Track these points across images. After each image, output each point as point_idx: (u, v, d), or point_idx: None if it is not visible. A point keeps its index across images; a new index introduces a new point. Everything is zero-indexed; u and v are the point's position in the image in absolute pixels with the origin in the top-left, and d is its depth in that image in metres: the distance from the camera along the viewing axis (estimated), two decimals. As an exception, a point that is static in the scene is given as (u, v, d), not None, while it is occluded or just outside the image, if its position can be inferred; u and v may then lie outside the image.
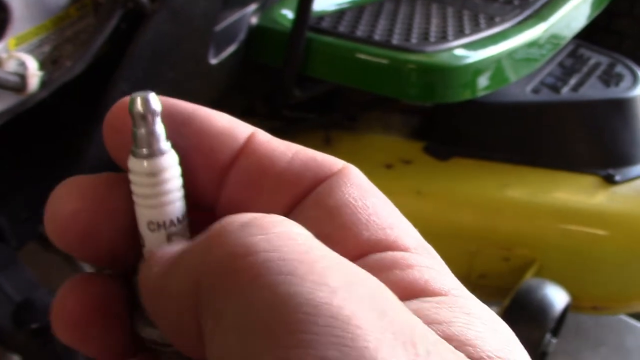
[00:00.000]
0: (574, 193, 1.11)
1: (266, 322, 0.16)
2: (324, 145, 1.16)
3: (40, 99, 0.68)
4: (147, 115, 0.21)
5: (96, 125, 0.75)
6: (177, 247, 0.20)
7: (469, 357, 0.17)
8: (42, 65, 0.68)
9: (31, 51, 0.68)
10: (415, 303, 0.18)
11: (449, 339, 0.17)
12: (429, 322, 0.18)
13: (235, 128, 0.22)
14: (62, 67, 0.70)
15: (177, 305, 0.19)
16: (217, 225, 0.19)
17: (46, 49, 0.70)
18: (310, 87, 1.08)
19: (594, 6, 1.33)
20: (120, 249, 0.22)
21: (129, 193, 0.21)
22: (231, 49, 0.93)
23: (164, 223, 0.22)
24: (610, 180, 1.11)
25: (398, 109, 1.23)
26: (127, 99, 0.21)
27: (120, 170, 0.22)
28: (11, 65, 0.65)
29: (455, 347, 0.17)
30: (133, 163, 0.21)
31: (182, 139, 0.22)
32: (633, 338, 1.30)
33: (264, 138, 0.22)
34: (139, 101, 0.21)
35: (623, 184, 1.11)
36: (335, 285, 0.16)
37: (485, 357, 0.17)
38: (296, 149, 0.22)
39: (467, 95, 1.03)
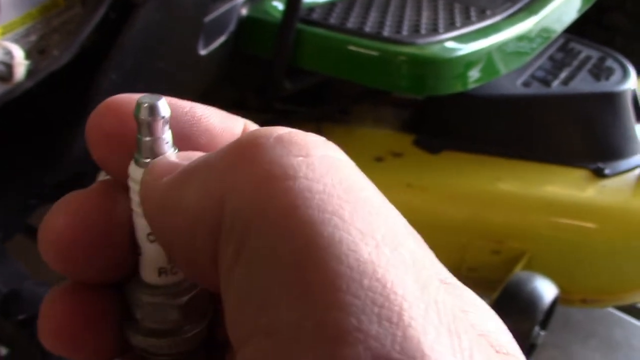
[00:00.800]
0: (564, 186, 1.11)
1: (300, 266, 0.14)
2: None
3: (27, 89, 0.67)
4: (153, 123, 0.19)
5: (84, 116, 0.74)
6: (190, 156, 0.19)
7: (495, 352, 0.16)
8: (29, 55, 0.67)
9: (18, 40, 0.67)
10: None
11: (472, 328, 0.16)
12: None
13: (231, 124, 0.21)
14: (49, 57, 0.70)
15: (192, 222, 0.17)
16: (248, 137, 0.17)
17: (33, 38, 0.69)
18: (301, 79, 1.07)
19: (585, 0, 1.33)
20: (113, 262, 0.20)
21: (122, 204, 0.20)
22: (221, 40, 0.92)
23: None
24: (600, 174, 1.11)
25: (389, 101, 1.23)
26: (113, 99, 0.20)
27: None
28: (-3, 54, 0.64)
29: None
30: (135, 171, 0.20)
31: (184, 140, 0.20)
32: (621, 331, 1.31)
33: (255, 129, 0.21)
34: (146, 108, 0.19)
35: (612, 178, 1.12)
36: (380, 239, 0.15)
37: (505, 351, 0.16)
38: None
39: (458, 88, 1.03)
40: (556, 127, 1.17)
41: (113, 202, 0.20)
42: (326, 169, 0.16)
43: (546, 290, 1.00)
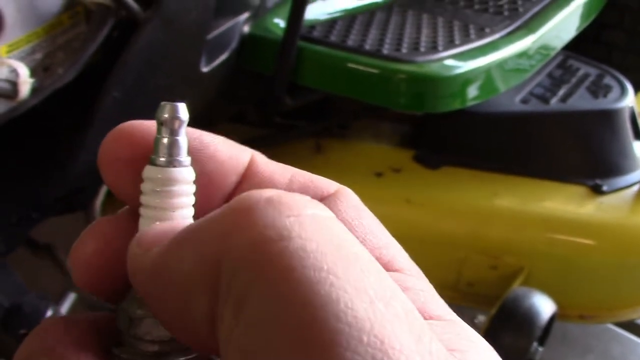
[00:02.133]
0: (562, 203, 1.12)
1: (301, 325, 0.15)
2: (315, 153, 1.16)
3: (31, 106, 0.68)
4: (173, 122, 0.20)
5: (86, 132, 0.75)
6: (175, 224, 0.19)
7: None
8: (34, 73, 0.68)
9: (23, 58, 0.68)
10: None
11: None
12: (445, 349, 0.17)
13: (238, 153, 0.22)
14: (53, 75, 0.71)
15: (188, 287, 0.17)
16: (240, 202, 0.17)
17: (38, 56, 0.70)
18: (302, 95, 1.08)
19: (583, 18, 1.34)
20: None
21: None
22: (223, 57, 0.93)
23: None
24: (597, 191, 1.12)
25: (388, 117, 1.24)
26: (126, 124, 0.21)
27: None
28: (3, 72, 0.65)
29: None
30: (149, 171, 0.20)
31: (193, 164, 0.21)
32: (619, 347, 1.31)
33: (263, 161, 0.22)
34: (167, 108, 0.20)
35: (610, 194, 1.12)
36: (373, 295, 0.15)
37: None
38: (293, 172, 0.22)
39: (456, 105, 1.04)
40: (554, 143, 1.18)
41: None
42: (317, 228, 0.16)
43: (544, 306, 1.00)
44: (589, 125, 1.18)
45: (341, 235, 0.17)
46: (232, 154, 0.22)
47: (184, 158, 0.20)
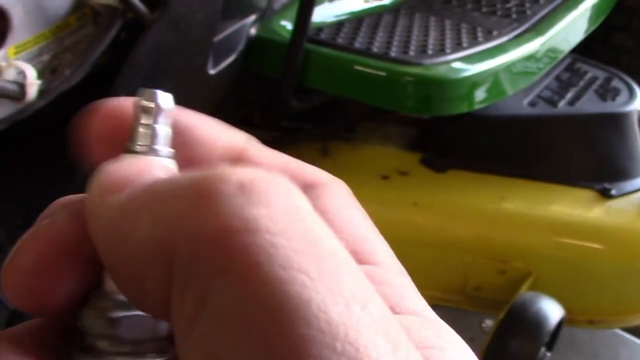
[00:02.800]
0: (570, 206, 1.11)
1: (269, 330, 0.14)
2: (321, 156, 1.16)
3: (39, 108, 0.68)
4: (150, 109, 0.18)
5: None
6: (144, 166, 0.17)
7: None
8: (41, 74, 0.68)
9: (30, 60, 0.68)
10: (401, 321, 0.17)
11: None
12: (423, 347, 0.16)
13: (231, 137, 0.21)
14: (61, 76, 0.71)
15: (140, 263, 0.15)
16: (206, 180, 0.15)
17: (45, 57, 0.70)
18: (309, 97, 1.08)
19: (591, 20, 1.33)
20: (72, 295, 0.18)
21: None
22: (230, 59, 0.93)
23: None
24: (606, 194, 1.11)
25: (395, 120, 1.23)
26: (111, 102, 0.19)
27: None
28: (10, 74, 0.65)
29: None
30: None
31: (180, 147, 0.20)
32: (627, 352, 1.30)
33: (256, 146, 0.21)
34: (145, 94, 0.19)
35: (619, 198, 1.12)
36: (348, 297, 0.14)
37: None
38: (286, 159, 0.21)
39: (464, 108, 1.03)
40: (562, 147, 1.17)
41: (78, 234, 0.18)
42: (289, 221, 0.15)
43: (552, 311, 0.99)
44: (597, 129, 1.18)
45: (315, 229, 0.15)
46: (222, 137, 0.21)
47: (163, 148, 0.19)
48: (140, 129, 0.19)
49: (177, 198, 0.15)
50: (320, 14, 1.09)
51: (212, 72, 0.89)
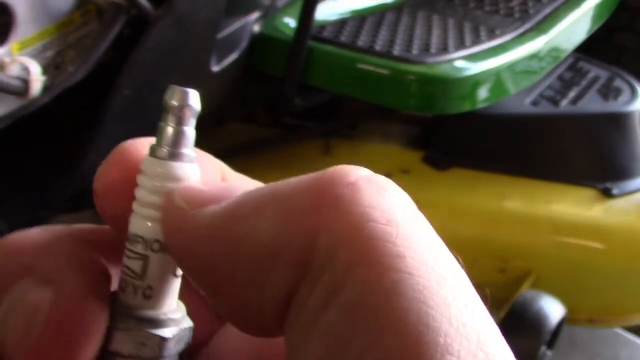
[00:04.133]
0: (572, 205, 1.11)
1: (409, 323, 0.14)
2: (323, 154, 1.16)
3: (42, 104, 0.68)
4: (182, 109, 0.17)
5: (96, 131, 0.75)
6: (230, 185, 0.17)
7: None
8: (45, 70, 0.68)
9: (34, 56, 0.68)
10: None
11: None
12: None
13: (209, 166, 0.20)
14: (64, 73, 0.71)
15: (261, 260, 0.15)
16: (336, 174, 0.16)
17: (49, 54, 0.70)
18: (311, 95, 1.08)
19: (594, 20, 1.33)
20: None
21: None
22: (233, 56, 0.93)
23: (155, 243, 0.17)
24: (607, 194, 1.11)
25: (397, 118, 1.23)
26: (124, 146, 0.18)
27: None
28: (14, 70, 0.65)
29: None
30: (148, 163, 0.18)
31: None
32: (627, 351, 1.30)
33: (231, 174, 0.20)
34: (176, 92, 0.17)
35: (620, 198, 1.12)
36: (469, 304, 0.15)
37: None
38: (256, 185, 0.20)
39: (466, 107, 1.03)
40: (564, 146, 1.17)
41: None
42: (418, 216, 0.16)
43: (553, 309, 0.99)
44: (599, 128, 1.18)
45: (431, 229, 0.16)
46: (205, 170, 0.19)
47: (190, 152, 0.18)
48: (168, 131, 0.18)
49: (310, 192, 0.15)
50: (323, 12, 1.09)
51: (215, 69, 0.89)
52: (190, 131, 0.18)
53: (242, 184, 0.18)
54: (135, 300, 0.18)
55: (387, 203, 0.15)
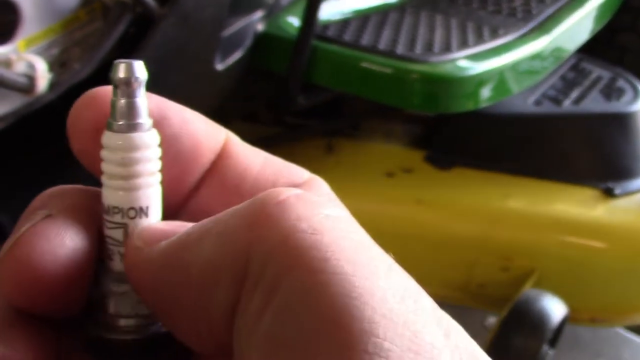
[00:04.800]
0: (574, 205, 1.12)
1: (336, 314, 0.15)
2: (326, 153, 1.16)
3: (48, 101, 0.68)
4: (129, 83, 0.18)
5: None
6: (181, 223, 0.19)
7: None
8: (51, 68, 0.69)
9: (40, 53, 0.69)
10: None
11: None
12: None
13: (215, 132, 0.21)
14: (70, 70, 0.71)
15: (206, 279, 0.17)
16: (270, 195, 0.17)
17: (55, 51, 0.71)
18: (315, 94, 1.08)
19: (597, 20, 1.34)
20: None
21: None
22: (237, 55, 0.94)
23: (131, 210, 0.19)
24: (610, 194, 1.11)
25: (400, 117, 1.24)
26: (95, 90, 0.20)
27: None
28: (20, 67, 0.65)
29: None
30: (108, 137, 0.19)
31: (171, 141, 0.20)
32: (629, 351, 1.30)
33: (237, 142, 0.22)
34: (122, 67, 0.18)
35: (623, 197, 1.12)
36: (403, 293, 0.16)
37: None
38: (265, 155, 0.22)
39: (469, 106, 1.04)
40: (567, 146, 1.18)
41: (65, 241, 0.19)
42: (347, 225, 0.17)
43: (555, 308, 1.00)
44: (601, 128, 1.18)
45: (362, 235, 0.18)
46: (209, 132, 0.21)
47: (145, 120, 0.19)
48: (121, 104, 0.18)
49: (244, 214, 0.17)
50: (327, 11, 1.10)
51: (219, 67, 0.89)
52: (141, 102, 0.19)
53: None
54: (123, 265, 0.19)
55: (313, 215, 0.17)
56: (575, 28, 1.25)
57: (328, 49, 1.02)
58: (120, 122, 0.18)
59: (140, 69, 0.19)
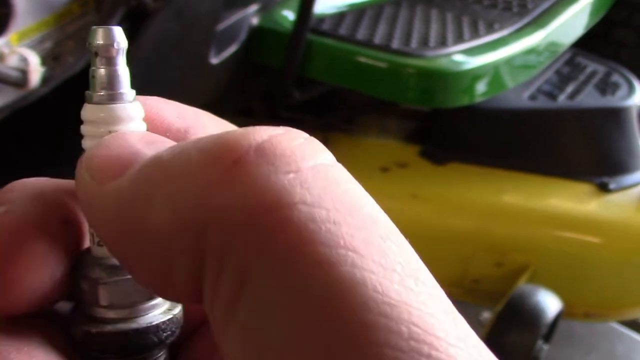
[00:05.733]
0: (569, 200, 1.12)
1: (325, 318, 0.12)
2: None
3: (41, 95, 0.68)
4: (109, 49, 0.16)
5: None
6: (134, 148, 0.15)
7: None
8: (44, 61, 0.68)
9: (33, 47, 0.68)
10: None
11: None
12: None
13: (183, 113, 0.18)
14: (63, 64, 0.70)
15: (164, 249, 0.14)
16: (225, 147, 0.14)
17: (48, 45, 0.70)
18: (310, 88, 1.08)
19: (592, 15, 1.34)
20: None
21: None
22: (232, 49, 0.93)
23: None
24: (604, 188, 1.12)
25: (395, 112, 1.23)
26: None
27: None
28: (13, 61, 0.65)
29: None
30: (90, 111, 0.17)
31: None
32: (623, 345, 1.31)
33: (207, 117, 0.19)
34: (100, 32, 0.16)
35: (617, 192, 1.12)
36: (401, 271, 0.13)
37: None
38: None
39: (465, 101, 1.03)
40: (562, 141, 1.18)
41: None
42: (323, 186, 0.13)
43: (550, 303, 1.00)
44: (596, 123, 1.18)
45: (351, 190, 0.14)
46: (176, 114, 0.18)
47: (127, 91, 0.17)
48: (100, 73, 0.17)
49: (194, 172, 0.14)
50: (322, 5, 1.09)
51: (214, 61, 0.89)
52: (122, 70, 0.17)
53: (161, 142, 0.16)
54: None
55: (277, 178, 0.13)
56: (571, 23, 1.25)
57: (323, 42, 1.01)
58: (101, 93, 0.17)
59: (120, 34, 0.17)
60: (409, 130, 1.22)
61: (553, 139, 1.18)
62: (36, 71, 0.65)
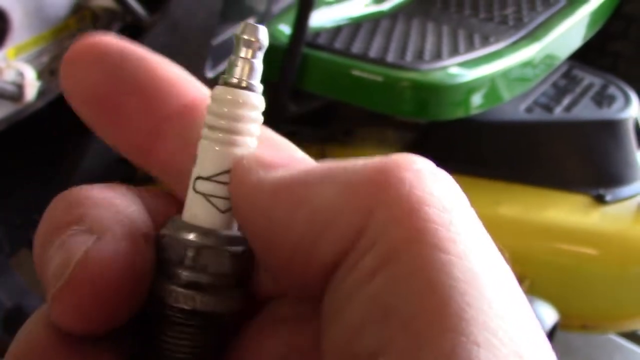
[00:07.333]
0: (565, 212, 1.12)
1: (456, 299, 0.15)
2: (319, 160, 1.16)
3: (37, 109, 0.68)
4: (251, 43, 0.19)
5: (91, 136, 0.75)
6: (290, 157, 0.19)
7: None
8: (40, 76, 0.69)
9: (30, 61, 0.69)
10: None
11: None
12: None
13: (186, 82, 0.21)
14: (60, 79, 0.71)
15: (323, 221, 0.17)
16: (397, 159, 0.17)
17: (45, 59, 0.71)
18: (306, 101, 1.09)
19: (589, 28, 1.34)
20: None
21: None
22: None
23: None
24: (601, 200, 1.12)
25: (393, 124, 1.24)
26: (89, 40, 0.20)
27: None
28: (9, 75, 0.66)
29: None
30: (219, 91, 0.19)
31: (132, 79, 0.20)
32: (621, 357, 1.30)
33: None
34: (248, 28, 0.19)
35: (613, 204, 1.12)
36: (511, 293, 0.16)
37: None
38: None
39: (460, 114, 1.04)
40: (558, 153, 1.18)
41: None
42: (472, 213, 0.17)
43: (546, 315, 1.00)
44: (592, 135, 1.18)
45: (483, 231, 0.18)
46: (176, 79, 0.22)
47: (257, 83, 0.19)
48: (239, 62, 0.19)
49: (370, 171, 0.17)
50: (318, 19, 1.10)
51: (210, 75, 0.90)
52: (258, 64, 0.19)
53: (304, 157, 0.20)
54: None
55: (444, 193, 0.17)
56: (567, 35, 1.25)
57: (319, 56, 1.02)
58: (235, 79, 0.19)
59: (264, 34, 0.19)
60: (406, 141, 1.23)
61: (549, 151, 1.18)
62: (32, 85, 0.66)
